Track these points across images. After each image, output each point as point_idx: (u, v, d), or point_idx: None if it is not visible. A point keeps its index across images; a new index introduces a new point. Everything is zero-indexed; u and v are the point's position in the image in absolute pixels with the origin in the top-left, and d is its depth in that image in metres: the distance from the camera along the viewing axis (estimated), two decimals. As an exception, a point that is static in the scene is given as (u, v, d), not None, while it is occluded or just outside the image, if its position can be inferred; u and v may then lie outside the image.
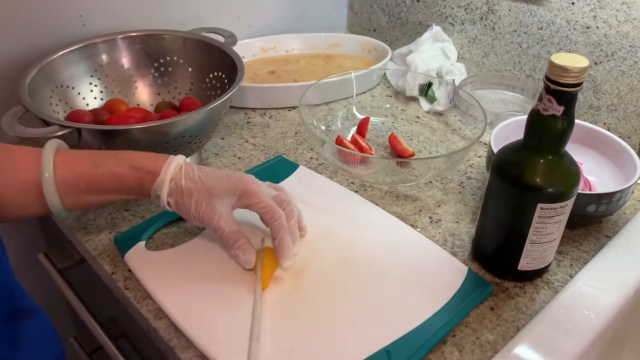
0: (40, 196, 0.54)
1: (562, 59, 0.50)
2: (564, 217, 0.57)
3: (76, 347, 0.85)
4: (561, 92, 0.50)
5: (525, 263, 0.60)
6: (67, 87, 0.77)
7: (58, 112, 0.74)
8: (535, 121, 0.54)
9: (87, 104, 0.80)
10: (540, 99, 0.52)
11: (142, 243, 0.64)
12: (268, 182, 0.63)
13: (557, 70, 0.50)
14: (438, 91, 0.91)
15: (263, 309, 0.55)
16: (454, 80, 0.92)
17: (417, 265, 0.62)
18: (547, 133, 0.53)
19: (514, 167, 0.56)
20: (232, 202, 0.58)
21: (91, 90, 0.80)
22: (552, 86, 0.51)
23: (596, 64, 0.84)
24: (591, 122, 0.87)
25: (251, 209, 0.58)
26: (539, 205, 0.55)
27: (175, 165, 0.56)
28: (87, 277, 0.73)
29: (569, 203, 0.56)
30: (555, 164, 0.55)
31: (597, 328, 0.56)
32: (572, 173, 0.55)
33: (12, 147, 0.56)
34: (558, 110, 0.51)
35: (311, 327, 0.54)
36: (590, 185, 0.71)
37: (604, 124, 0.87)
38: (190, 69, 0.84)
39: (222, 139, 0.85)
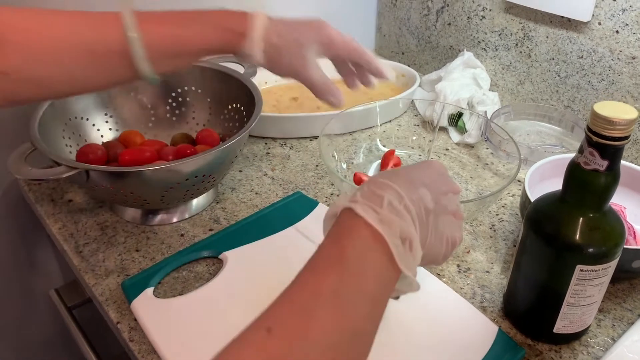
0: (127, 61, 0.50)
1: (607, 108, 0.45)
2: (607, 279, 0.51)
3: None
4: (605, 145, 0.45)
5: (562, 326, 0.54)
6: (81, 118, 0.75)
7: (70, 146, 0.72)
8: (575, 175, 0.48)
9: (102, 136, 0.77)
10: (581, 151, 0.47)
11: (150, 290, 0.61)
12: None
13: (600, 121, 0.44)
14: (469, 122, 0.86)
15: None
16: (485, 112, 0.87)
17: (443, 323, 0.57)
18: (588, 189, 0.48)
19: (550, 223, 0.51)
20: (317, 50, 0.57)
21: (106, 122, 0.78)
22: (595, 139, 0.45)
23: (642, 96, 0.78)
24: (636, 160, 0.81)
25: (337, 54, 0.58)
26: (578, 266, 0.49)
27: (261, 23, 0.54)
28: (100, 314, 0.70)
29: (612, 264, 0.50)
30: (596, 221, 0.49)
31: (643, 405, 0.51)
32: (616, 232, 0.50)
33: (92, 14, 0.52)
34: (601, 164, 0.46)
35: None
36: (635, 234, 0.65)
37: (651, 161, 0.81)
38: (208, 100, 0.81)
39: (240, 171, 0.82)
